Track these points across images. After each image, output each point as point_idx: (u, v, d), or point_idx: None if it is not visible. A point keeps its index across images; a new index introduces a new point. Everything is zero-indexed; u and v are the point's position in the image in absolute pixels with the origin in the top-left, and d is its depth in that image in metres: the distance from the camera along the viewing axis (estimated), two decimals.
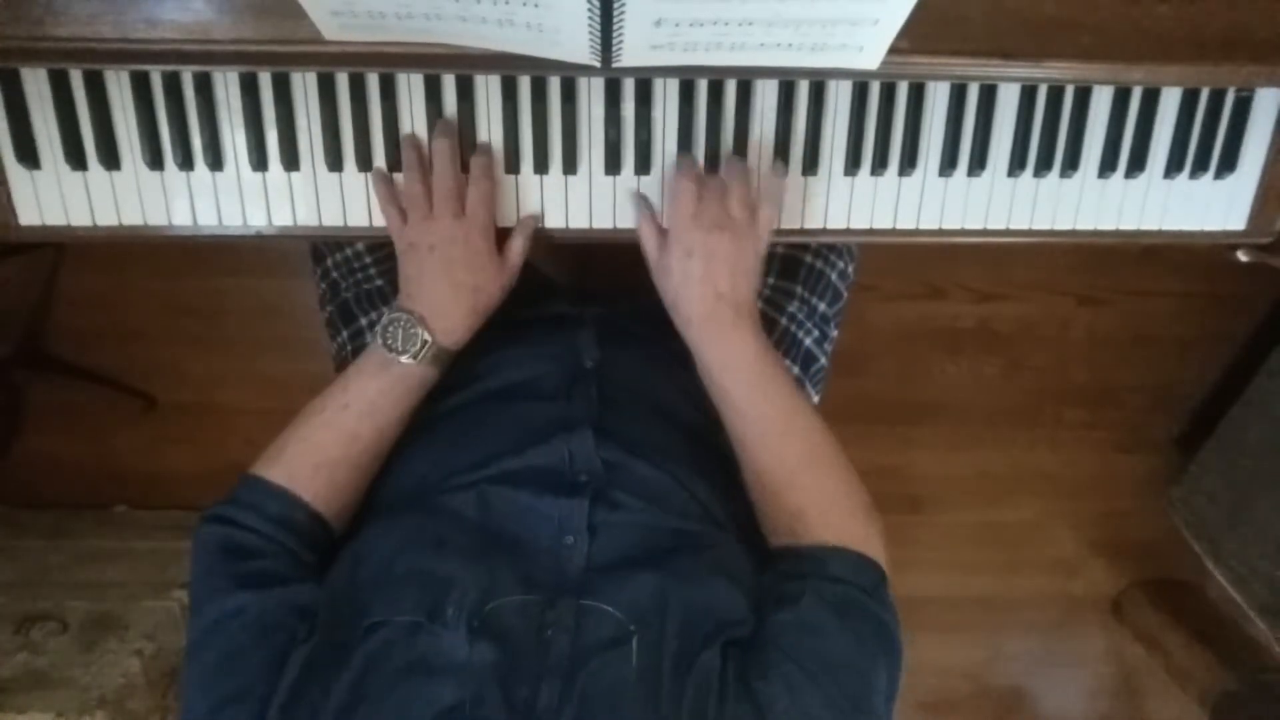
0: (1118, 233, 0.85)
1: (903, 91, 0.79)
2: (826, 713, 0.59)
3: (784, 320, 0.96)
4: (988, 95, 0.80)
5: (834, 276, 1.00)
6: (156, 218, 0.79)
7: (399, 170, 0.78)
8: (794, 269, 0.97)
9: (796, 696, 0.58)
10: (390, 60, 0.70)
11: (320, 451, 0.73)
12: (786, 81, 0.78)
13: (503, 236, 0.79)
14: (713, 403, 0.76)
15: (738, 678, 0.59)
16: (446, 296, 0.75)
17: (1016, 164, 0.82)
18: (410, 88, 0.76)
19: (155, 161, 0.77)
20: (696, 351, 0.75)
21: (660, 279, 0.76)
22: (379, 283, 0.95)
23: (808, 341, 0.98)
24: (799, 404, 0.74)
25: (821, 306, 0.99)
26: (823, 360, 1.01)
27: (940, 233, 0.84)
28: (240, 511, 0.70)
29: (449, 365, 0.78)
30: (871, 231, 0.84)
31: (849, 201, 0.82)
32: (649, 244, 0.77)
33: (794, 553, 0.70)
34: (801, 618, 0.63)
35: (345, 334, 0.97)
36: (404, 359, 0.74)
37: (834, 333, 1.02)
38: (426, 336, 0.74)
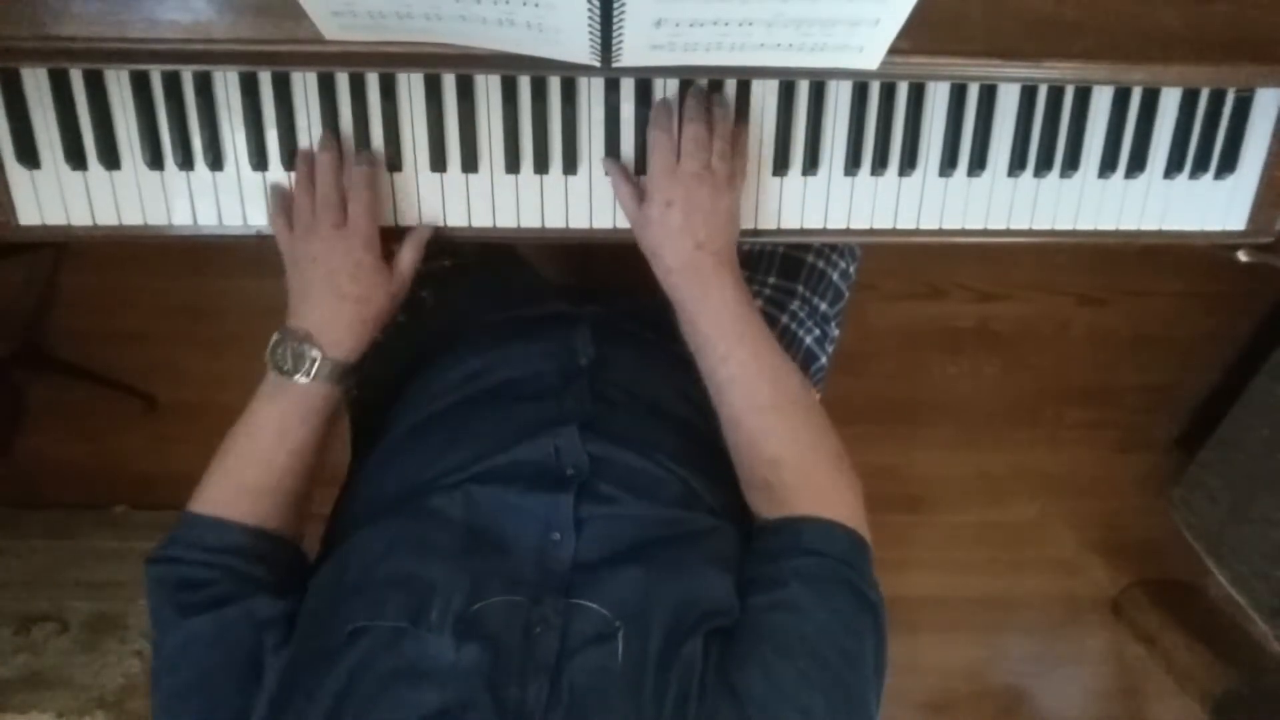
0: (1118, 233, 0.85)
1: (903, 91, 0.79)
2: (806, 691, 0.58)
3: (785, 319, 0.96)
4: (988, 95, 0.80)
5: (835, 276, 1.00)
6: (156, 218, 0.79)
7: (396, 171, 0.78)
8: (795, 268, 0.97)
9: (773, 679, 0.58)
10: (390, 60, 0.70)
11: (239, 480, 0.73)
12: (786, 81, 0.78)
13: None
14: (692, 353, 0.76)
15: (717, 668, 0.59)
16: (331, 308, 0.74)
17: (1016, 164, 0.82)
18: (410, 88, 0.76)
19: (155, 161, 0.77)
20: (677, 299, 0.75)
21: (640, 229, 0.76)
22: None
23: (808, 340, 0.98)
24: (775, 350, 0.74)
25: (823, 306, 0.99)
26: (823, 359, 1.01)
27: (940, 233, 0.84)
28: (180, 549, 0.70)
29: (350, 377, 0.76)
30: (871, 231, 0.84)
31: (849, 201, 0.82)
32: (625, 199, 0.78)
33: (771, 527, 0.70)
34: (777, 598, 0.63)
35: None
36: (297, 378, 0.73)
37: (835, 332, 1.02)
38: (314, 354, 0.73)
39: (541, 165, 0.79)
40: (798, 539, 0.67)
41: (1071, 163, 0.82)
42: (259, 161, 0.77)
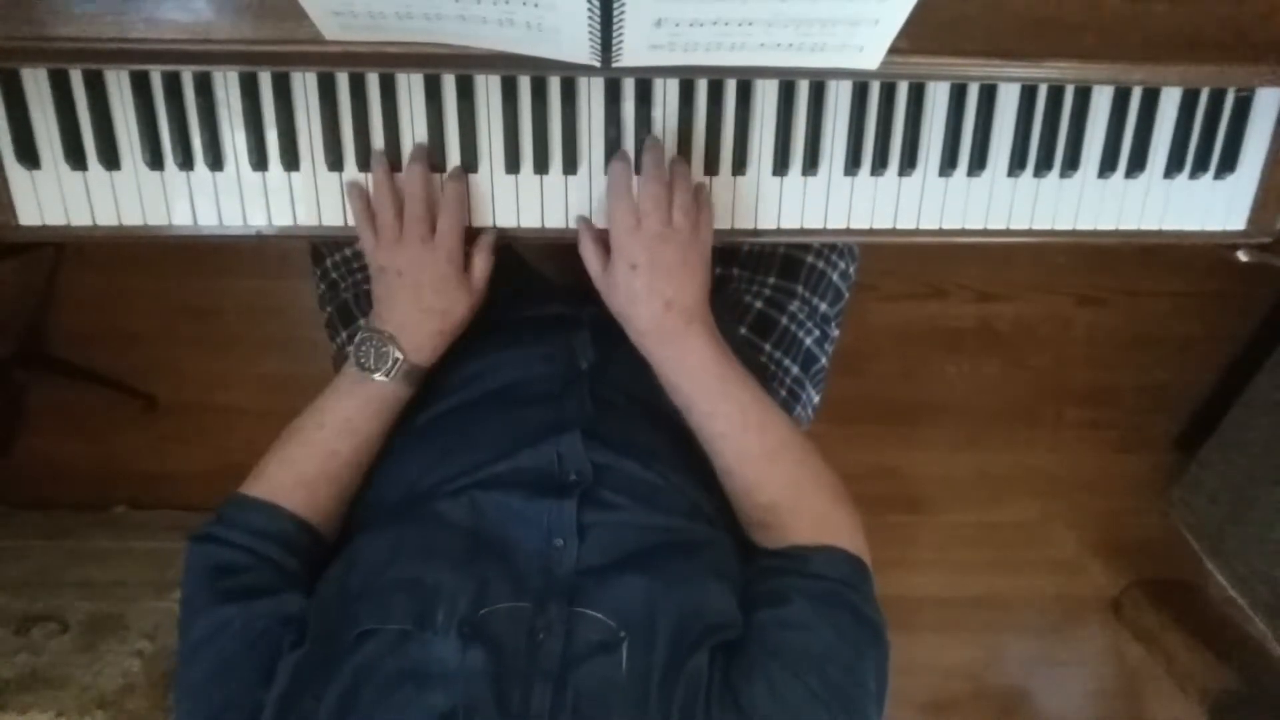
0: (1118, 233, 0.85)
1: (903, 91, 0.79)
2: (811, 707, 0.59)
3: (785, 320, 0.96)
4: (988, 95, 0.80)
5: (835, 277, 1.00)
6: (156, 218, 0.79)
7: (395, 171, 0.78)
8: (795, 269, 0.97)
9: (778, 693, 0.59)
10: (390, 60, 0.70)
11: (300, 469, 0.74)
12: (786, 81, 0.78)
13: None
14: (677, 407, 0.76)
15: (723, 680, 0.59)
16: (415, 318, 0.76)
17: (1016, 164, 0.82)
18: (410, 88, 0.76)
19: (155, 161, 0.77)
20: (653, 362, 0.75)
21: (607, 293, 0.75)
22: None
23: (808, 341, 0.98)
24: (759, 398, 0.75)
25: (823, 307, 0.99)
26: (823, 360, 1.01)
27: (940, 233, 0.84)
28: (225, 529, 0.71)
29: (421, 381, 0.79)
30: (871, 231, 0.84)
31: (849, 201, 0.82)
32: (591, 260, 0.77)
33: (776, 551, 0.71)
34: (783, 615, 0.64)
35: (344, 334, 0.97)
36: (377, 376, 0.75)
37: (835, 333, 1.02)
38: (398, 355, 0.75)
39: (541, 165, 0.79)
40: (804, 563, 0.68)
41: (1071, 163, 0.82)
42: (259, 161, 0.77)
